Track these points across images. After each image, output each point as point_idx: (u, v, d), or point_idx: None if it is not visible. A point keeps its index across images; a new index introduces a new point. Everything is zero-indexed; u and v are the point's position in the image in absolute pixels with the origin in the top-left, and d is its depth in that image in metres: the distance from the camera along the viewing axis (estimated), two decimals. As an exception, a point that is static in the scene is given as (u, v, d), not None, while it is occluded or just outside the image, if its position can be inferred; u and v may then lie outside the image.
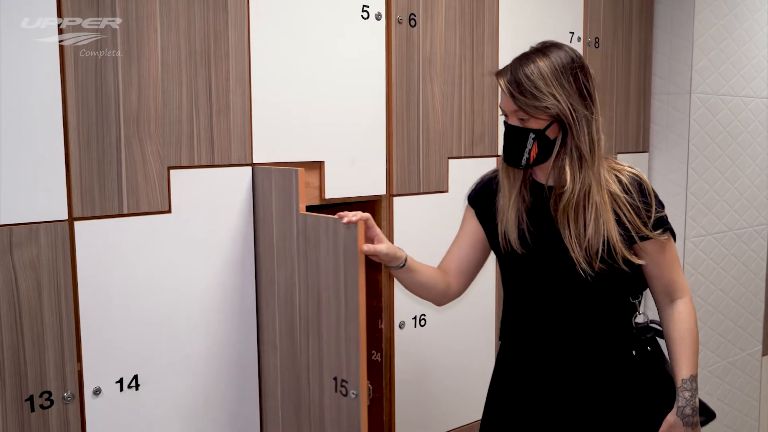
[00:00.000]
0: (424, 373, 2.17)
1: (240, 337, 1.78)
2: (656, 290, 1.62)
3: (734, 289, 3.02)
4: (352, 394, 1.50)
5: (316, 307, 1.60)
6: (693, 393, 1.52)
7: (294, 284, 1.67)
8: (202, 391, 1.73)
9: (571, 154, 1.50)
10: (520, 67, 1.48)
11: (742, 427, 3.19)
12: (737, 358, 3.11)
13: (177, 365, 1.69)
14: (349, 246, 1.48)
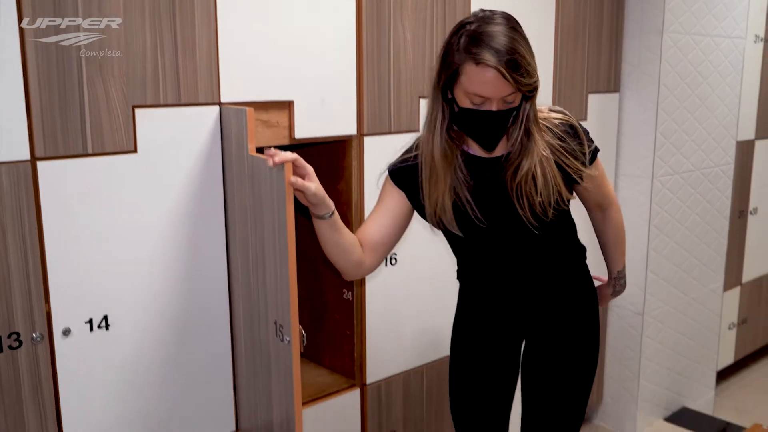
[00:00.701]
0: (394, 311, 2.20)
1: (209, 276, 1.79)
2: (589, 205, 1.77)
3: (699, 227, 3.09)
4: (286, 339, 1.52)
5: (262, 251, 1.60)
6: (625, 280, 1.89)
7: (247, 227, 1.67)
8: (173, 330, 1.74)
9: (525, 123, 1.49)
10: (511, 47, 1.36)
11: (702, 359, 3.30)
12: (700, 294, 3.19)
13: (147, 305, 1.69)
14: (279, 186, 1.45)
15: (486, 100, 1.40)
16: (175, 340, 1.75)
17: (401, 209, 1.61)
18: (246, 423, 1.88)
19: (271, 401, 1.69)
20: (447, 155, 1.51)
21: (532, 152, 1.50)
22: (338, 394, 2.12)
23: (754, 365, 3.87)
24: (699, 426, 3.16)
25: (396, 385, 2.24)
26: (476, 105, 1.41)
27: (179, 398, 1.78)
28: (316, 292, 2.26)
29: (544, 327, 1.72)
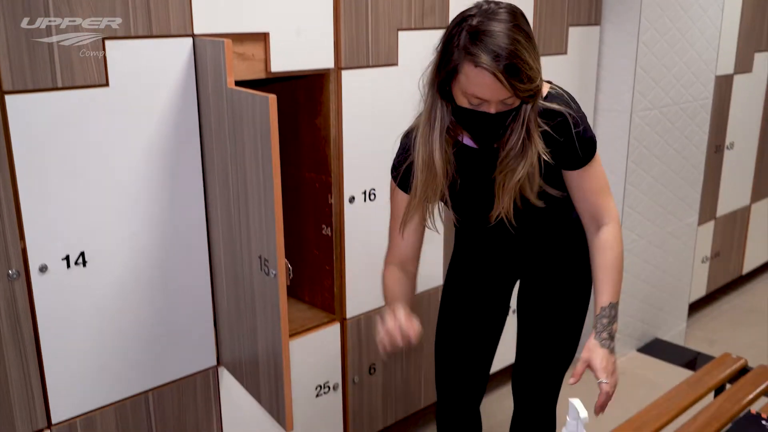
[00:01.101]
0: (374, 246, 2.21)
1: (187, 212, 1.77)
2: (583, 215, 1.60)
3: (676, 162, 3.10)
4: (272, 273, 1.52)
5: (244, 186, 1.58)
6: (611, 320, 1.52)
7: (227, 162, 1.65)
8: (152, 267, 1.74)
9: (523, 121, 1.42)
10: (512, 50, 1.28)
11: (676, 291, 3.37)
12: (675, 228, 3.24)
13: (124, 241, 1.68)
14: (263, 119, 1.43)
15: (484, 101, 1.35)
16: (154, 277, 1.74)
17: (419, 212, 1.60)
18: (227, 357, 1.90)
19: (255, 335, 1.70)
20: (446, 155, 1.48)
21: (529, 156, 1.45)
22: (318, 329, 2.14)
23: (724, 298, 3.97)
24: (671, 356, 3.25)
25: (375, 320, 2.26)
26: (474, 106, 1.37)
27: (159, 334, 1.79)
28: (295, 228, 2.25)
29: (537, 269, 1.74)
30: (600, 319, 1.52)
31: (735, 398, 2.06)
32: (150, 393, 1.80)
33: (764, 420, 1.93)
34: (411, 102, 2.16)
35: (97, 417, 1.71)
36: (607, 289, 1.54)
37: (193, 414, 1.91)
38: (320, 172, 2.10)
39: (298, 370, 2.08)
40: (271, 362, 1.64)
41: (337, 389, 2.22)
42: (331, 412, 2.23)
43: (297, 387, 2.09)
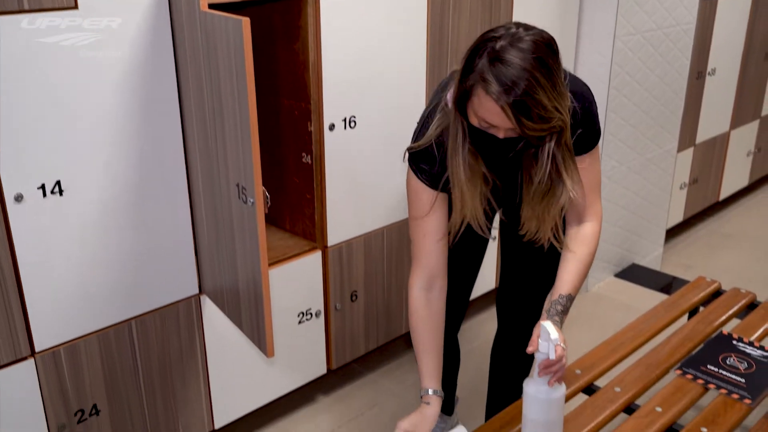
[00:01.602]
0: (355, 175, 2.20)
1: (163, 138, 1.74)
2: (569, 215, 1.58)
3: (658, 88, 3.09)
4: (250, 201, 1.51)
5: (220, 112, 1.55)
6: (564, 310, 1.51)
7: (203, 88, 1.61)
8: (130, 195, 1.72)
9: (548, 156, 1.37)
10: (526, 86, 1.22)
11: (654, 217, 3.41)
12: (654, 155, 3.25)
13: (100, 170, 1.65)
14: (237, 44, 1.39)
15: (493, 126, 1.31)
16: (132, 205, 1.73)
17: (444, 210, 1.56)
18: (209, 285, 1.90)
19: (235, 263, 1.70)
20: (473, 169, 1.44)
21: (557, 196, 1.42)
22: (299, 257, 2.15)
23: (700, 224, 4.02)
24: (647, 281, 3.31)
25: (357, 247, 2.27)
26: (484, 128, 1.33)
27: (140, 263, 1.78)
28: (275, 156, 2.23)
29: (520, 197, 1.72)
30: (555, 305, 1.50)
31: (708, 320, 2.11)
32: (133, 321, 1.81)
33: (735, 340, 1.99)
34: (391, 26, 2.12)
35: (80, 345, 1.72)
36: (572, 281, 1.53)
37: (177, 341, 1.92)
38: (299, 99, 2.07)
39: (279, 297, 2.10)
40: (252, 290, 1.64)
41: (319, 316, 2.24)
42: (314, 338, 2.26)
43: (279, 314, 2.11)
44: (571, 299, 1.52)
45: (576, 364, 1.87)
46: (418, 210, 1.55)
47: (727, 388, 1.77)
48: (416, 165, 1.52)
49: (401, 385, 2.51)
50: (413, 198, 1.56)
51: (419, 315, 1.58)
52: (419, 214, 1.55)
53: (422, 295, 1.58)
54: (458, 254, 1.80)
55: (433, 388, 1.55)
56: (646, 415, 1.68)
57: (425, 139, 1.48)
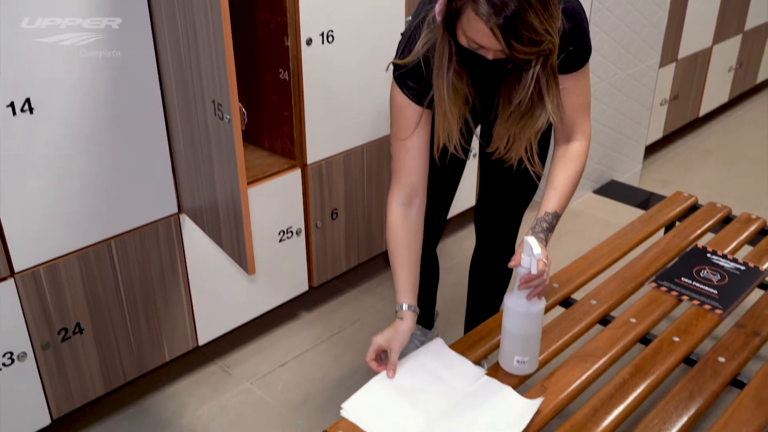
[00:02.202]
0: (334, 91, 2.16)
1: (136, 56, 1.69)
2: (556, 126, 1.56)
3: (641, 2, 3.03)
4: (226, 118, 1.48)
5: (193, 27, 1.50)
6: (550, 227, 1.50)
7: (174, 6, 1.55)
8: (103, 113, 1.68)
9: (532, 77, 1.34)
10: (516, 8, 1.18)
11: (633, 133, 3.41)
12: (636, 70, 3.22)
13: (72, 88, 1.60)
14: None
15: (482, 47, 1.28)
16: (106, 124, 1.69)
17: (427, 131, 1.53)
18: (188, 204, 1.89)
19: (213, 182, 1.68)
20: (457, 89, 1.41)
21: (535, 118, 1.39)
22: (279, 175, 2.13)
23: (680, 140, 4.04)
24: (625, 197, 3.35)
25: (336, 165, 2.26)
26: (473, 48, 1.30)
27: (117, 182, 1.76)
28: (251, 72, 2.18)
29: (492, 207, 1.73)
30: (540, 222, 1.50)
31: (683, 234, 2.14)
32: (112, 241, 1.81)
33: (709, 253, 2.03)
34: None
35: (60, 265, 1.72)
36: (559, 199, 1.52)
37: (158, 260, 1.92)
38: (275, 13, 2.01)
39: (259, 216, 2.10)
40: (231, 208, 1.64)
41: (300, 234, 2.25)
42: (295, 255, 2.28)
43: (259, 232, 2.12)
44: (557, 217, 1.52)
45: (553, 278, 1.91)
46: (402, 127, 1.53)
47: (699, 299, 1.81)
48: (402, 81, 1.49)
49: (383, 302, 2.55)
50: (397, 114, 1.53)
51: (397, 231, 1.58)
52: (403, 131, 1.53)
53: (401, 211, 1.58)
54: (437, 172, 1.79)
55: (408, 303, 1.56)
56: (620, 326, 1.72)
57: (412, 55, 1.45)
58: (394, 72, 1.50)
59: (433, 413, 1.42)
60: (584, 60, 1.50)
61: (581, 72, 1.51)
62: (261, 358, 2.29)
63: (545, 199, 1.54)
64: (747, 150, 3.92)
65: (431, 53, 1.41)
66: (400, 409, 1.43)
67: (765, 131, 4.16)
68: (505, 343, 1.54)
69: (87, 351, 1.84)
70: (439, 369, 1.54)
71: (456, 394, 1.48)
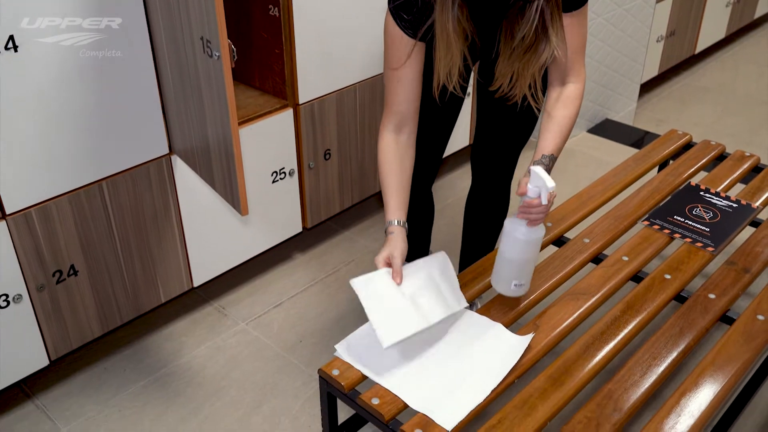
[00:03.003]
0: (325, 28, 2.11)
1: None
2: (551, 69, 1.54)
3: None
4: (216, 55, 1.45)
5: None
6: (547, 169, 1.48)
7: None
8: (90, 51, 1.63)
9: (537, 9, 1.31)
10: None
11: (628, 71, 3.37)
12: (632, 6, 3.16)
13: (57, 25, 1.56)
14: None
15: None
16: (93, 62, 1.65)
17: (419, 61, 1.50)
18: (179, 145, 1.87)
19: (204, 121, 1.66)
20: (459, 24, 1.37)
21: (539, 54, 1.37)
22: (271, 115, 2.11)
23: (675, 78, 4.00)
24: (620, 136, 3.33)
25: (329, 104, 2.23)
26: None
27: (106, 123, 1.74)
28: (240, 9, 2.13)
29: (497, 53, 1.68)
30: (537, 164, 1.49)
31: (677, 172, 2.14)
32: (104, 182, 1.79)
33: (702, 191, 2.03)
34: None
35: (51, 206, 1.71)
36: (555, 141, 1.52)
37: (150, 202, 1.92)
38: (263, -54, 1.95)
39: (252, 156, 2.08)
40: (222, 148, 1.62)
41: (293, 175, 2.24)
42: (288, 196, 2.27)
43: (252, 173, 2.10)
44: (554, 159, 1.52)
45: (547, 217, 1.91)
46: (394, 57, 1.52)
47: (691, 237, 1.82)
48: (396, 12, 1.47)
49: (377, 242, 2.55)
50: (390, 45, 1.52)
51: (386, 155, 1.59)
52: (395, 61, 1.52)
53: (391, 137, 1.59)
54: (434, 111, 1.77)
55: (398, 219, 1.57)
56: (612, 264, 1.73)
57: None
58: (390, 2, 1.48)
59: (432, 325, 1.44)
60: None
61: (580, 12, 1.49)
62: (256, 298, 2.31)
63: (541, 141, 1.54)
64: (743, 88, 3.89)
65: None
66: (401, 308, 1.44)
67: (761, 69, 4.12)
68: (502, 267, 1.54)
69: (82, 292, 1.85)
70: (442, 284, 1.54)
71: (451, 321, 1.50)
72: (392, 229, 1.56)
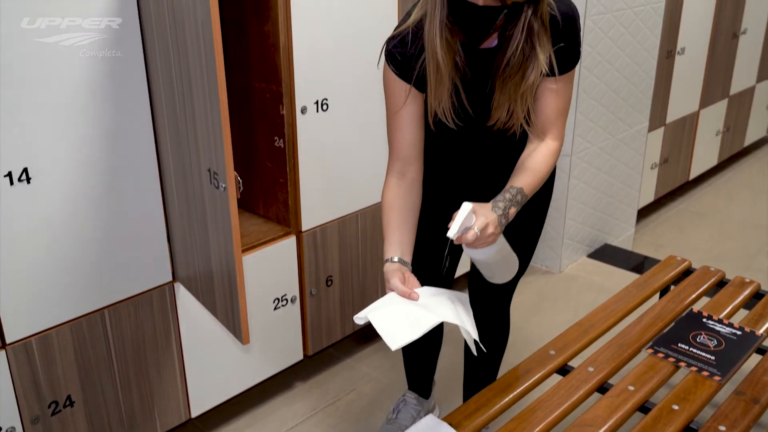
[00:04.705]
0: (328, 158, 2.18)
1: (133, 125, 1.71)
2: (533, 128, 1.57)
3: (628, 68, 3.11)
4: (222, 186, 1.50)
5: (190, 95, 1.53)
6: (513, 201, 1.46)
7: (171, 69, 1.58)
8: (100, 182, 1.69)
9: (523, 27, 1.39)
10: None
11: (625, 197, 3.44)
12: (625, 135, 3.27)
13: (69, 156, 1.62)
14: (205, 24, 1.36)
15: None
16: (103, 192, 1.70)
17: (418, 104, 1.56)
18: (183, 272, 1.89)
19: (209, 250, 1.68)
20: (449, 44, 1.44)
21: (531, 67, 1.43)
22: (274, 242, 2.13)
23: (671, 203, 4.07)
24: (619, 261, 3.35)
25: (331, 232, 2.26)
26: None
27: (112, 251, 1.76)
28: (247, 140, 2.21)
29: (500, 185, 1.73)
30: (504, 193, 1.47)
31: (678, 298, 2.14)
32: (106, 310, 1.79)
33: (705, 317, 2.02)
34: (363, 6, 2.10)
35: (53, 335, 1.70)
36: (526, 179, 1.51)
37: (151, 330, 1.91)
38: (270, 82, 2.05)
39: (254, 283, 2.09)
40: (225, 276, 1.63)
41: (294, 302, 2.24)
42: (290, 324, 2.26)
43: (254, 300, 2.10)
44: (523, 194, 1.49)
45: (549, 344, 1.89)
46: (392, 102, 1.56)
47: (697, 365, 1.80)
48: (390, 54, 1.52)
49: (378, 370, 2.52)
50: (387, 90, 1.57)
51: (388, 195, 1.60)
52: (394, 105, 1.56)
53: (395, 181, 1.61)
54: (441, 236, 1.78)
55: (392, 256, 1.53)
56: (618, 394, 1.70)
57: (406, 24, 1.50)
58: (385, 44, 1.54)
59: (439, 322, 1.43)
60: (572, 63, 1.54)
61: (567, 76, 1.54)
62: (255, 430, 2.25)
63: (512, 177, 1.53)
64: (738, 213, 3.95)
65: (424, 22, 1.44)
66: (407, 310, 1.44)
67: (755, 194, 4.21)
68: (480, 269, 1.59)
69: (77, 425, 1.81)
70: (458, 305, 1.52)
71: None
72: (386, 267, 1.53)
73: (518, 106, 1.50)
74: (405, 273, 1.51)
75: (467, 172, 1.72)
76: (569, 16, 1.48)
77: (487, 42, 1.48)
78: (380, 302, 1.47)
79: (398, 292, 1.47)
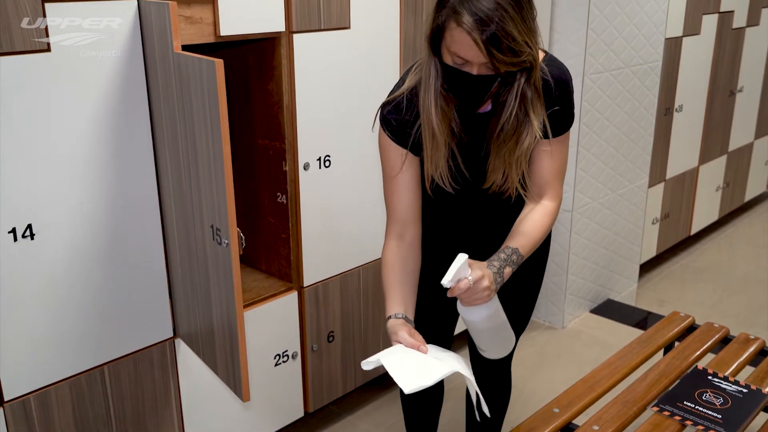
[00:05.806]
0: (330, 214, 2.20)
1: (137, 181, 1.73)
2: (530, 188, 1.57)
3: (627, 125, 3.15)
4: (225, 242, 1.50)
5: (194, 154, 1.55)
6: (508, 261, 1.47)
7: (176, 129, 1.61)
8: (103, 238, 1.70)
9: (517, 94, 1.42)
10: (497, 19, 1.26)
11: (627, 252, 3.44)
12: (626, 190, 3.29)
13: (73, 212, 1.63)
14: (210, 85, 1.40)
15: (466, 62, 1.34)
16: (105, 248, 1.71)
17: (415, 168, 1.57)
18: (184, 329, 1.88)
19: (210, 306, 1.68)
20: (444, 112, 1.46)
21: (525, 133, 1.45)
22: (276, 298, 2.13)
23: (674, 258, 4.07)
24: (622, 316, 3.33)
25: (333, 287, 2.26)
26: (458, 65, 1.36)
27: (113, 307, 1.76)
28: (250, 196, 2.22)
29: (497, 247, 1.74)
30: (499, 254, 1.48)
31: (683, 355, 2.12)
32: (105, 366, 1.78)
33: (710, 375, 2.00)
34: (364, 66, 2.15)
35: (51, 392, 1.68)
36: (522, 240, 1.51)
37: (151, 387, 1.89)
38: (274, 139, 2.07)
39: (255, 339, 2.08)
40: (227, 333, 1.62)
41: (296, 358, 2.22)
42: (291, 380, 2.23)
43: (255, 356, 2.09)
44: (520, 256, 1.49)
45: (554, 402, 1.87)
46: (388, 167, 1.57)
47: (704, 424, 1.77)
48: (385, 120, 1.54)
49: (380, 427, 2.48)
50: (383, 155, 1.58)
51: (389, 257, 1.59)
52: (390, 170, 1.57)
53: (394, 243, 1.60)
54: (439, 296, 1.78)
55: (394, 313, 1.54)
56: (625, 453, 1.67)
57: (400, 90, 1.52)
58: (380, 109, 1.55)
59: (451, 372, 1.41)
60: (567, 125, 1.55)
61: (562, 138, 1.56)
62: (253, 488, 2.20)
63: (508, 238, 1.53)
64: (740, 268, 3.94)
65: (418, 88, 1.47)
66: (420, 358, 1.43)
67: (757, 249, 4.21)
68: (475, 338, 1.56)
69: (73, 484, 1.77)
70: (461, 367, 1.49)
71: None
72: (391, 322, 1.52)
73: (513, 171, 1.51)
74: (410, 329, 1.50)
75: (464, 234, 1.72)
76: (562, 80, 1.50)
77: (482, 107, 1.50)
78: (389, 351, 1.45)
79: (406, 344, 1.46)
